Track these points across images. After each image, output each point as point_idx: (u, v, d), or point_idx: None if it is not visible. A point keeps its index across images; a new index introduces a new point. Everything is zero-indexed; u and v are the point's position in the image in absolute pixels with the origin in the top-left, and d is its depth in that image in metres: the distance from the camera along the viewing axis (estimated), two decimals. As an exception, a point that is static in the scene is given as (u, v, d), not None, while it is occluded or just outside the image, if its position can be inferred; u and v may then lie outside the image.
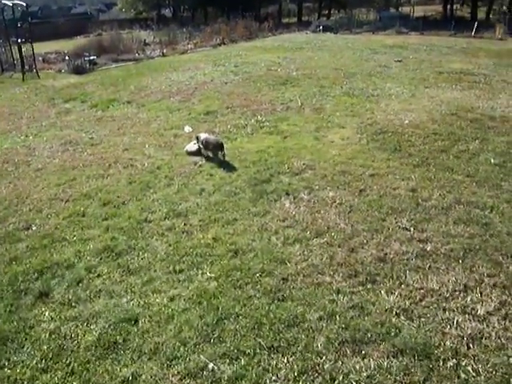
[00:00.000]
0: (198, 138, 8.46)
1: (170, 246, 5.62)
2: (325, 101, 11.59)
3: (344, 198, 6.59)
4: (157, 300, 4.72)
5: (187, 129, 9.98)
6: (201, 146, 8.40)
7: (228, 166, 7.86)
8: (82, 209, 6.61)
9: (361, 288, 4.78)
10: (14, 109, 12.79)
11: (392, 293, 4.67)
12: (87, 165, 8.29)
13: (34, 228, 6.22)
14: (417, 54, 18.73)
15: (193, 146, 8.57)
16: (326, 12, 38.96)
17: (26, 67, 17.64)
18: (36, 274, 5.22)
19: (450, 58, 17.48)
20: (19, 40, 17.82)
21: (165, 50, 21.57)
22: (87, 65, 17.49)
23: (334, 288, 4.78)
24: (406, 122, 9.69)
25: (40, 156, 8.92)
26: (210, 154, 8.26)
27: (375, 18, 34.24)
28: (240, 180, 7.30)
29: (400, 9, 37.78)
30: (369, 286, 4.80)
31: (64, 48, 22.59)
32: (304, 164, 7.77)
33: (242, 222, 6.06)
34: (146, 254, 5.48)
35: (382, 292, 4.68)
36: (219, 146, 8.12)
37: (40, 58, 19.81)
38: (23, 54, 17.72)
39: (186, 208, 6.50)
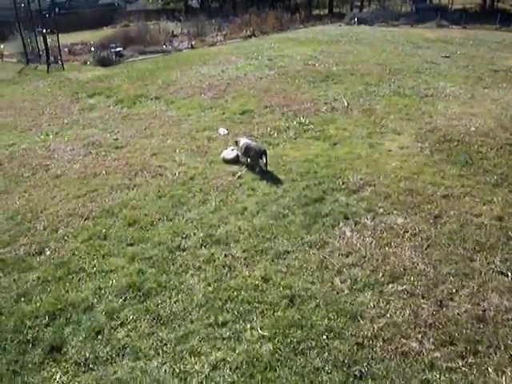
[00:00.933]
0: (237, 143, 7.34)
1: (209, 285, 4.52)
2: (374, 101, 10.30)
3: (417, 227, 5.38)
4: (195, 367, 3.64)
5: (222, 131, 8.86)
6: (239, 153, 7.27)
7: (272, 179, 6.71)
8: (103, 230, 5.56)
9: (461, 362, 3.62)
10: (35, 103, 11.85)
11: (503, 371, 3.49)
12: (111, 172, 7.25)
13: (47, 253, 5.20)
14: (464, 49, 17.14)
15: (230, 153, 7.45)
16: (359, 4, 37.18)
17: (51, 58, 16.74)
18: (47, 318, 4.21)
19: (501, 55, 15.88)
20: (44, 30, 16.91)
21: (193, 42, 20.39)
22: (113, 56, 16.46)
23: (426, 361, 3.63)
24: (473, 128, 8.36)
25: (60, 159, 7.91)
26: (250, 162, 7.12)
27: (411, 10, 32.39)
28: (288, 197, 6.14)
29: (438, 0, 35.69)
30: (470, 359, 3.63)
31: (90, 39, 21.63)
32: (361, 179, 6.57)
33: (296, 256, 4.91)
34: (180, 296, 4.39)
35: (490, 370, 3.52)
36: (261, 153, 6.97)
37: (65, 49, 18.85)
38: (48, 44, 16.82)
39: (225, 233, 5.38)
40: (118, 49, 17.17)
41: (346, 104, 10.06)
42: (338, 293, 4.35)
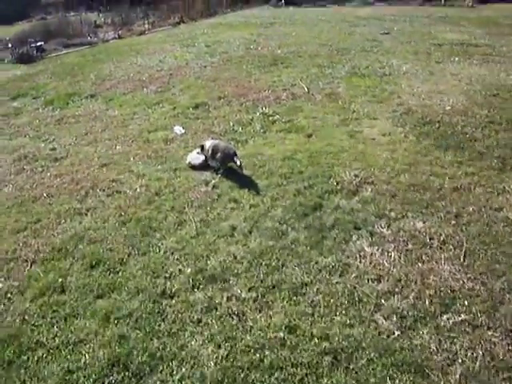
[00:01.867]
0: (202, 148, 6.01)
1: (219, 347, 3.27)
2: (333, 84, 9.28)
3: (442, 232, 4.43)
4: None
5: (178, 129, 7.42)
6: (207, 156, 5.96)
7: (253, 185, 5.49)
8: (58, 278, 4.08)
9: None
10: None
11: None
12: (54, 193, 5.64)
13: (-15, 323, 3.67)
14: (398, 25, 16.60)
15: (197, 157, 6.09)
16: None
17: (-42, 57, 14.07)
18: None
19: (436, 29, 15.49)
20: None
21: (120, 32, 18.25)
22: (34, 52, 14.10)
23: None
24: (448, 107, 7.61)
25: (-16, 182, 6.14)
26: (220, 166, 5.83)
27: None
28: (280, 208, 4.96)
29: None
30: None
31: (4, 35, 18.69)
32: (356, 176, 5.53)
33: (318, 288, 3.78)
34: (184, 370, 3.12)
35: None
36: (232, 155, 5.70)
37: (-25, 47, 16.06)
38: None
39: (219, 264, 4.12)
40: (39, 43, 14.77)
41: (306, 89, 8.96)
42: (388, 336, 3.28)
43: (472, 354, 3.12)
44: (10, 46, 15.01)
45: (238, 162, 5.58)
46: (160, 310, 3.65)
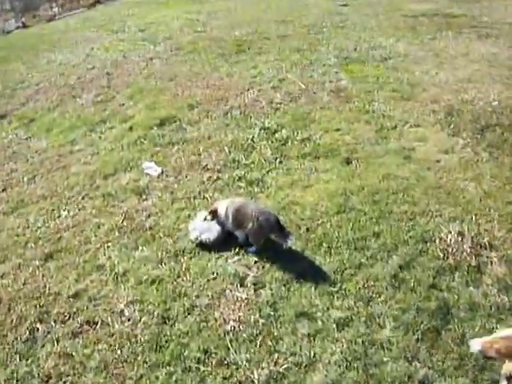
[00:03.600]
0: (214, 214, 3.73)
1: None
2: (332, 75, 7.18)
3: None
4: None
5: (151, 168, 4.99)
6: (227, 224, 3.71)
7: (313, 269, 3.40)
8: None
9: None
10: None
11: None
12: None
13: None
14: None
15: (208, 227, 3.77)
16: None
17: None
18: None
19: (393, -3, 13.86)
20: None
21: (24, 19, 14.52)
22: None
23: None
24: (495, 103, 5.90)
25: None
26: (252, 242, 3.63)
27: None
28: (387, 322, 2.94)
29: None
30: None
31: None
32: (460, 234, 3.61)
33: None
34: None
35: None
36: (271, 227, 3.52)
37: None
38: None
39: None
40: None
41: (301, 85, 6.80)
42: None
43: None
44: None
45: (289, 242, 3.42)
46: None
